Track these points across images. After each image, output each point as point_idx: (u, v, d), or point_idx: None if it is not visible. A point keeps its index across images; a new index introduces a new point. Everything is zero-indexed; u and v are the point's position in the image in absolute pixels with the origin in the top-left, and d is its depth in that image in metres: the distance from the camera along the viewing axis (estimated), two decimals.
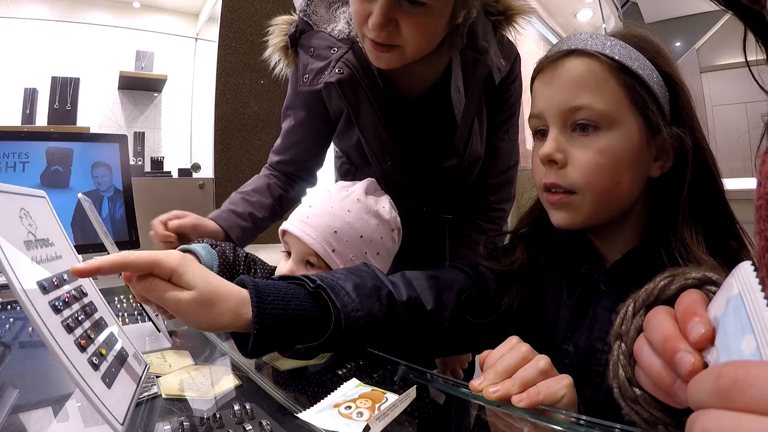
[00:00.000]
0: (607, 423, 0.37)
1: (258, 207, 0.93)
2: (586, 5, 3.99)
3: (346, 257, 0.71)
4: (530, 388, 0.41)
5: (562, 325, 0.59)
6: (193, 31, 3.69)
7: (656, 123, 0.52)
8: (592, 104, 0.51)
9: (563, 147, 0.53)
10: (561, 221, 0.56)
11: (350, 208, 0.72)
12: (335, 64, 0.80)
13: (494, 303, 0.63)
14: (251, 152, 2.31)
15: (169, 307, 0.46)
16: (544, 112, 0.55)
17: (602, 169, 0.52)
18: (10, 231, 0.38)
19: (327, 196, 0.74)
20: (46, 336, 0.35)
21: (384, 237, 0.75)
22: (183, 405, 0.48)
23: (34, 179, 1.24)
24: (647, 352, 0.30)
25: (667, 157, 0.54)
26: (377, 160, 0.86)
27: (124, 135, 1.46)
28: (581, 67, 0.52)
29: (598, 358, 0.54)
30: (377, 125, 0.83)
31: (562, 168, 0.53)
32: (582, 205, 0.53)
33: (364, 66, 0.81)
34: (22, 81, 2.94)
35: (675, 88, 0.54)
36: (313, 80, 0.83)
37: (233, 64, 2.30)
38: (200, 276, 0.46)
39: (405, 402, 0.42)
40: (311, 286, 0.52)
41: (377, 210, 0.74)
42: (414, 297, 0.58)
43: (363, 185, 0.75)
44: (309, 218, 0.71)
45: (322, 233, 0.69)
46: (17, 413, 0.46)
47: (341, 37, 0.82)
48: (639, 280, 0.53)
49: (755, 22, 0.36)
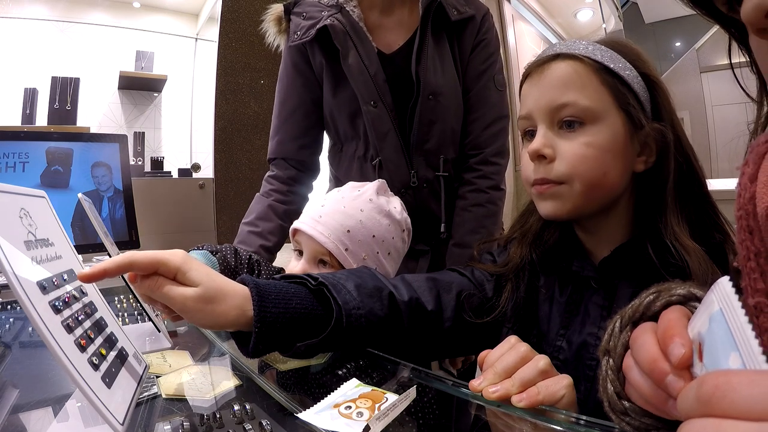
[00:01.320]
0: (607, 423, 0.37)
1: (266, 234, 0.97)
2: (586, 5, 3.99)
3: (358, 256, 0.71)
4: (530, 388, 0.41)
5: (555, 322, 0.60)
6: (193, 31, 3.69)
7: (638, 118, 0.55)
8: (577, 101, 0.54)
9: (551, 142, 0.56)
10: (549, 210, 0.57)
11: (363, 208, 0.73)
12: (327, 17, 0.92)
13: (492, 304, 0.64)
14: (251, 152, 2.31)
15: (175, 305, 0.46)
16: (532, 112, 0.58)
17: (589, 161, 0.54)
18: (10, 231, 0.38)
19: (339, 195, 0.75)
20: (46, 336, 0.35)
21: (395, 237, 0.76)
22: (183, 405, 0.48)
23: (34, 179, 1.24)
24: (636, 373, 0.31)
25: (650, 152, 0.56)
26: (364, 101, 0.92)
27: (124, 135, 1.46)
28: (566, 69, 0.56)
29: (591, 353, 0.55)
30: (363, 70, 0.91)
31: (551, 162, 0.56)
32: (570, 195, 0.55)
33: (352, 23, 0.93)
34: (22, 81, 2.93)
35: (654, 88, 0.57)
36: (304, 34, 0.94)
37: (233, 64, 2.30)
38: (205, 273, 0.47)
39: (405, 402, 0.42)
40: (313, 284, 0.53)
41: (389, 210, 0.75)
42: (415, 298, 0.59)
43: (374, 186, 0.76)
44: (321, 217, 0.71)
45: (335, 232, 0.69)
46: (17, 413, 0.46)
47: (330, 3, 0.94)
48: (627, 275, 0.55)
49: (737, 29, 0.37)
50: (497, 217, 0.97)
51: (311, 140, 1.04)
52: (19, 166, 1.23)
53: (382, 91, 0.92)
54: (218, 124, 2.29)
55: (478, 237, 0.91)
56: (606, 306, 0.56)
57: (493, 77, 0.98)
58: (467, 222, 0.94)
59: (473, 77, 0.97)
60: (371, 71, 0.92)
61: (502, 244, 0.72)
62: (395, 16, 0.96)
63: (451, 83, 0.94)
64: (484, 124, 0.96)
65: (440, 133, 0.94)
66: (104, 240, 0.69)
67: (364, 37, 0.93)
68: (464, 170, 0.98)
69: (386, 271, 0.78)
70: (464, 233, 0.93)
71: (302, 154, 1.02)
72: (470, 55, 0.96)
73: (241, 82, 2.32)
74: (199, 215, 2.37)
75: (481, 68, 0.97)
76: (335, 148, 1.05)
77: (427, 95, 0.92)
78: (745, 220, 0.27)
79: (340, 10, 0.93)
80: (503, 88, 1.00)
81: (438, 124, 0.94)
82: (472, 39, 0.96)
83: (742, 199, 0.27)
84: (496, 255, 0.71)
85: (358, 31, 0.93)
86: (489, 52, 0.97)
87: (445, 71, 0.94)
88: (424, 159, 0.95)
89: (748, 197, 0.27)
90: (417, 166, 0.95)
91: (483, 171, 0.95)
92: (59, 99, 2.76)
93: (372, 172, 0.96)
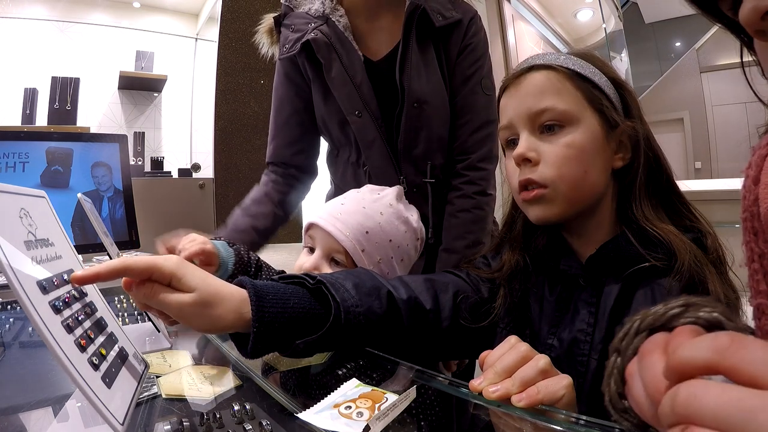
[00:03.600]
0: (607, 423, 0.37)
1: (259, 217, 0.97)
2: (586, 5, 3.99)
3: (373, 259, 0.71)
4: (530, 388, 0.41)
5: (546, 321, 0.61)
6: (193, 31, 3.69)
7: (612, 118, 0.59)
8: (555, 105, 0.58)
9: (534, 146, 0.59)
10: (539, 214, 0.60)
11: (383, 211, 0.73)
12: (312, 30, 0.93)
13: (488, 306, 0.65)
14: (251, 152, 2.31)
15: (172, 311, 0.46)
16: (513, 120, 0.61)
17: (570, 161, 0.57)
18: (10, 231, 0.38)
19: (359, 196, 0.75)
20: (46, 336, 0.35)
21: (409, 245, 0.76)
22: (183, 405, 0.48)
23: (34, 179, 1.24)
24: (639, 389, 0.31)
25: (625, 150, 0.61)
26: (348, 112, 0.93)
27: (124, 135, 1.47)
28: (541, 77, 0.60)
29: (582, 349, 0.56)
30: (346, 81, 0.92)
31: (535, 165, 0.59)
32: (556, 198, 0.58)
33: (337, 34, 0.93)
34: (22, 81, 2.94)
35: (622, 90, 0.62)
36: (291, 48, 0.95)
37: (233, 64, 2.30)
38: (200, 278, 0.46)
39: (405, 402, 0.42)
40: (311, 282, 0.53)
41: (407, 217, 0.76)
42: (414, 297, 0.59)
43: (394, 191, 0.77)
44: (341, 215, 0.71)
45: (354, 231, 0.70)
46: (17, 413, 0.46)
47: (317, 15, 0.95)
48: (613, 272, 0.57)
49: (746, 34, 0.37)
50: (485, 223, 0.96)
51: (307, 145, 1.04)
52: (19, 166, 1.23)
53: (366, 100, 0.92)
54: (218, 124, 2.29)
55: (465, 242, 0.92)
56: (594, 302, 0.57)
57: (481, 81, 0.96)
58: (454, 227, 0.93)
59: (460, 82, 0.95)
60: (356, 81, 0.92)
61: (490, 253, 0.72)
62: (380, 22, 0.96)
63: (437, 90, 0.93)
64: (471, 129, 0.95)
65: (427, 140, 0.94)
66: (104, 240, 0.69)
67: (349, 47, 0.93)
68: (452, 175, 0.97)
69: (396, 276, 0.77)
70: (451, 238, 0.93)
71: (298, 159, 1.03)
72: (456, 59, 0.95)
73: (241, 82, 2.32)
74: (199, 215, 2.37)
75: (468, 73, 0.95)
76: (333, 152, 1.06)
77: (412, 103, 0.91)
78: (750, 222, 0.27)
79: (326, 21, 0.94)
80: (491, 92, 0.98)
81: (424, 131, 0.93)
82: (458, 43, 0.94)
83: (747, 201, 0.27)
84: (489, 258, 0.72)
85: (344, 41, 0.93)
86: (476, 56, 0.96)
87: (430, 78, 0.93)
88: (413, 165, 0.95)
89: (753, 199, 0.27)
90: (406, 172, 0.94)
91: (470, 176, 0.95)
92: (59, 99, 2.76)
93: (365, 177, 0.96)
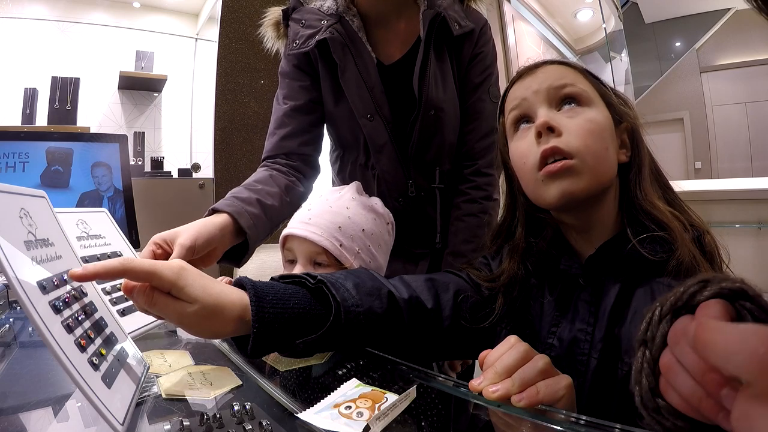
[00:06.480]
0: (608, 423, 0.37)
1: (265, 194, 0.84)
2: (586, 5, 3.99)
3: (353, 251, 0.74)
4: (530, 388, 0.41)
5: (546, 321, 0.61)
6: (193, 31, 3.68)
7: (618, 113, 0.62)
8: (576, 83, 0.61)
9: (556, 119, 0.59)
10: (565, 188, 0.57)
11: (348, 206, 0.77)
12: (326, 27, 0.91)
13: (488, 307, 0.65)
14: (251, 152, 2.31)
15: (172, 321, 0.46)
16: (528, 98, 0.62)
17: (593, 134, 0.58)
18: (10, 231, 0.38)
19: (323, 198, 0.79)
20: (46, 336, 0.35)
21: (381, 230, 0.80)
22: (183, 405, 0.48)
23: (34, 179, 1.24)
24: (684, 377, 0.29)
25: (626, 148, 0.63)
26: (360, 115, 0.92)
27: (124, 135, 1.46)
28: (558, 67, 0.63)
29: (581, 348, 0.57)
30: (360, 83, 0.91)
31: (558, 136, 0.57)
32: (583, 169, 0.56)
33: (351, 34, 0.92)
34: (22, 81, 2.93)
35: (618, 96, 0.65)
36: (303, 44, 0.93)
37: (233, 64, 2.29)
38: (200, 288, 0.46)
39: (405, 402, 0.42)
40: (312, 282, 0.53)
41: (372, 205, 0.80)
42: (415, 296, 0.59)
43: (353, 187, 0.82)
44: (311, 219, 0.74)
45: (328, 230, 0.73)
46: (17, 413, 0.46)
47: (330, 12, 0.93)
48: (613, 272, 0.57)
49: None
50: (491, 227, 0.96)
51: (313, 138, 1.00)
52: (19, 166, 1.23)
53: (379, 104, 0.91)
54: (218, 124, 2.28)
55: (471, 246, 0.92)
56: (593, 302, 0.57)
57: (488, 89, 0.98)
58: (460, 232, 0.94)
59: (469, 89, 0.97)
60: (369, 84, 0.91)
61: (490, 253, 0.72)
62: (392, 26, 0.95)
63: (451, 98, 0.94)
64: (478, 135, 0.96)
65: (438, 146, 0.94)
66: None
67: (363, 48, 0.92)
68: (459, 181, 0.98)
69: (378, 263, 0.80)
70: (458, 243, 0.94)
71: (305, 150, 0.98)
72: (467, 66, 0.96)
73: (241, 82, 2.32)
74: (199, 215, 2.36)
75: (477, 81, 0.96)
76: (336, 152, 1.05)
77: (429, 111, 0.91)
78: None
79: (340, 20, 0.92)
80: (498, 99, 0.98)
81: (437, 138, 0.94)
82: (470, 51, 0.95)
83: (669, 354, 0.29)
84: (489, 258, 0.71)
85: (357, 42, 0.92)
86: (486, 64, 0.97)
87: (446, 87, 0.93)
88: (422, 170, 0.95)
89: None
90: (415, 177, 0.95)
91: (476, 182, 0.96)
92: (59, 99, 2.76)
93: (373, 180, 0.96)
